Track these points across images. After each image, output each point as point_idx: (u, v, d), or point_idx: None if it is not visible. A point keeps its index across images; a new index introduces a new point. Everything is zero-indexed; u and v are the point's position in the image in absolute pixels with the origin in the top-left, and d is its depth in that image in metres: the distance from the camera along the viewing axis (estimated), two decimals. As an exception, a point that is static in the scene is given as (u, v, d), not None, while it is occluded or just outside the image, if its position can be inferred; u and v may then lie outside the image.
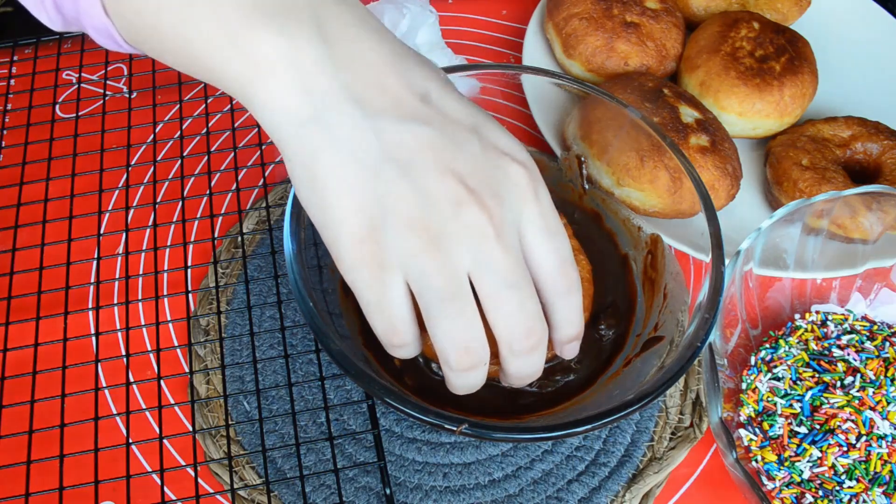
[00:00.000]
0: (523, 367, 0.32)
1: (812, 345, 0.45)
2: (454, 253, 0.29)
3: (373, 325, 0.31)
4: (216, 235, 0.49)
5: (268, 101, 0.29)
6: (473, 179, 0.30)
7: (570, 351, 0.35)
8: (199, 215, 0.51)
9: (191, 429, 0.42)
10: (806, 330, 0.45)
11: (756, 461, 0.41)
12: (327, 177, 0.29)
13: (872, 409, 0.41)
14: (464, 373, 0.31)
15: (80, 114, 0.54)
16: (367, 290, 0.30)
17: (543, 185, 0.32)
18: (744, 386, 0.44)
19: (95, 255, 0.48)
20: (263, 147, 0.52)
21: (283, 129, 0.29)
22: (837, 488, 0.40)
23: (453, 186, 0.29)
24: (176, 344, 0.45)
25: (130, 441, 0.41)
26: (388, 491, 0.40)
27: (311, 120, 0.29)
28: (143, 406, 0.43)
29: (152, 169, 0.52)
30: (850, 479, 0.40)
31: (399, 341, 0.31)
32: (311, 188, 0.29)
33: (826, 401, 0.42)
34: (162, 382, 0.43)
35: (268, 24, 0.28)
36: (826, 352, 0.44)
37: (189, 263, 0.48)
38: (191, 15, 0.29)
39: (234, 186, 0.51)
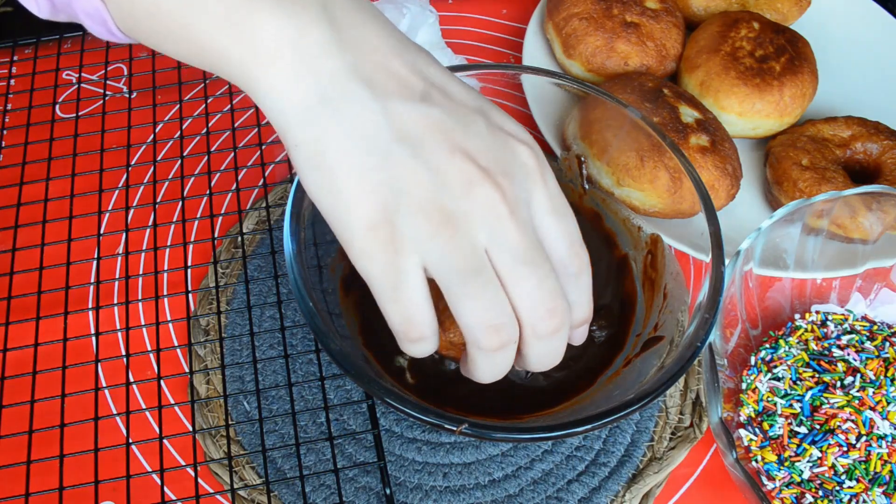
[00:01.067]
0: (545, 352, 0.31)
1: (812, 345, 0.45)
2: (470, 231, 0.29)
3: (388, 317, 0.30)
4: (216, 235, 0.49)
5: (273, 86, 0.28)
6: (484, 158, 0.29)
7: (579, 335, 0.35)
8: (199, 215, 0.51)
9: (191, 429, 0.42)
10: (806, 330, 0.45)
11: (756, 461, 0.41)
12: (336, 160, 0.28)
13: (872, 409, 0.41)
14: (494, 353, 0.30)
15: (80, 114, 0.54)
16: (381, 278, 0.29)
17: (549, 168, 0.32)
18: (744, 386, 0.44)
19: (95, 255, 0.48)
20: (263, 147, 0.52)
21: (288, 114, 0.28)
22: (837, 488, 0.40)
23: (464, 166, 0.29)
24: (176, 344, 0.45)
25: (130, 441, 0.41)
26: (388, 491, 0.40)
27: (319, 102, 0.28)
28: (143, 406, 0.43)
29: (152, 169, 0.52)
30: (850, 479, 0.40)
31: (417, 334, 0.30)
32: (318, 174, 0.28)
33: (826, 401, 0.42)
34: (162, 382, 0.43)
35: (273, 8, 0.28)
36: (826, 352, 0.44)
37: (189, 263, 0.48)
38: None
39: (234, 186, 0.51)
